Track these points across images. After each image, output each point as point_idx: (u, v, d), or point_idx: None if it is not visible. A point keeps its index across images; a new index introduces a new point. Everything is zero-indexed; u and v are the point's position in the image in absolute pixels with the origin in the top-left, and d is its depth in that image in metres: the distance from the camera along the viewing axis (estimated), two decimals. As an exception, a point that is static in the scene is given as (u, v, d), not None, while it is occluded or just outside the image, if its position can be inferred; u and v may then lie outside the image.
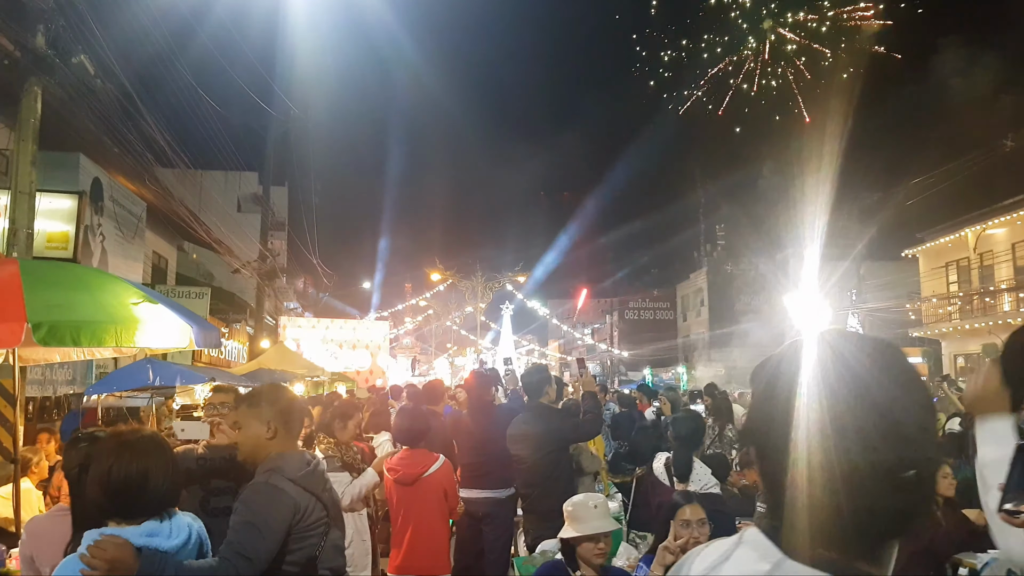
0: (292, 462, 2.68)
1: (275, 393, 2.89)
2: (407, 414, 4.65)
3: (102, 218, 11.55)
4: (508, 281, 38.11)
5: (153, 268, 18.60)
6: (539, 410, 5.20)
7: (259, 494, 2.55)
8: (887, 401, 0.88)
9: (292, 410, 2.84)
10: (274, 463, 2.65)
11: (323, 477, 2.79)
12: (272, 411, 2.76)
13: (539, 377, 5.32)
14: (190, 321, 4.29)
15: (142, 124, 10.67)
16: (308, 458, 2.78)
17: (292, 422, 2.82)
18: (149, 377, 6.32)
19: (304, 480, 2.65)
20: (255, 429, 2.74)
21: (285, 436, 2.77)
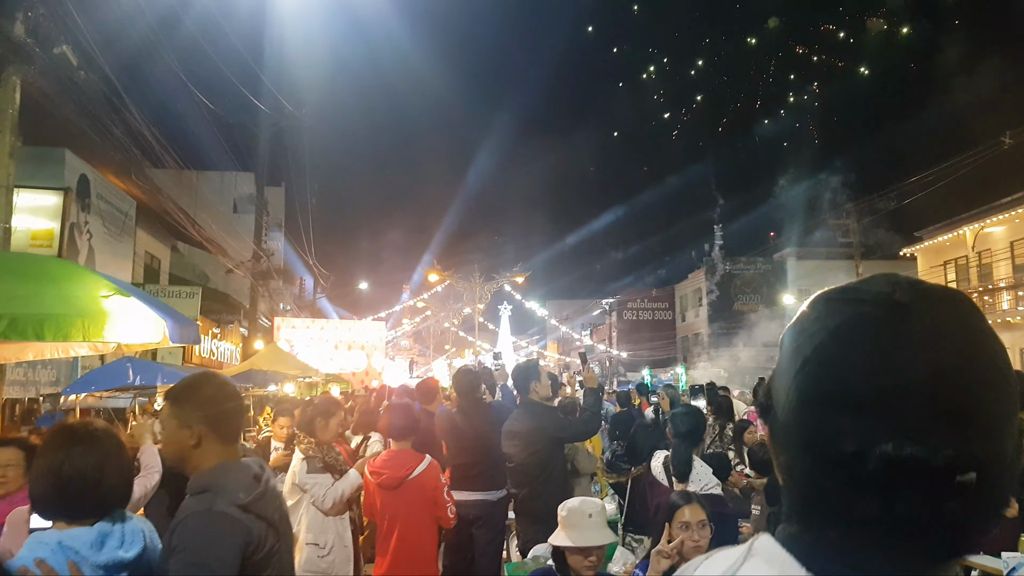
0: (236, 480, 2.10)
1: (201, 386, 2.26)
2: (395, 409, 4.43)
3: (89, 215, 11.34)
4: (506, 281, 37.94)
5: (145, 268, 18.43)
6: (528, 406, 4.99)
7: (202, 526, 2.00)
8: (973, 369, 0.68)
9: (224, 408, 2.23)
10: (211, 481, 2.09)
11: (275, 496, 2.23)
12: (196, 411, 2.17)
13: (524, 371, 5.10)
14: (165, 316, 4.08)
15: (129, 119, 10.46)
16: (256, 470, 2.18)
17: (225, 423, 2.21)
18: (129, 376, 6.10)
19: (256, 505, 2.08)
20: (175, 434, 2.18)
21: (216, 442, 2.18)
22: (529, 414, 4.89)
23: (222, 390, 2.29)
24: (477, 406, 5.58)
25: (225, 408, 2.23)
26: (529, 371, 5.07)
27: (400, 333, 43.79)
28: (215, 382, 2.33)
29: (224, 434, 2.20)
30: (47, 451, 2.11)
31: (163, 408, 2.32)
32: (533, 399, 4.97)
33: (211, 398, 2.22)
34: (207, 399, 2.21)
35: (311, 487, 4.30)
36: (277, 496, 2.27)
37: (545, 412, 4.90)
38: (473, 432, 5.35)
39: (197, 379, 2.34)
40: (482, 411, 5.55)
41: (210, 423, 2.17)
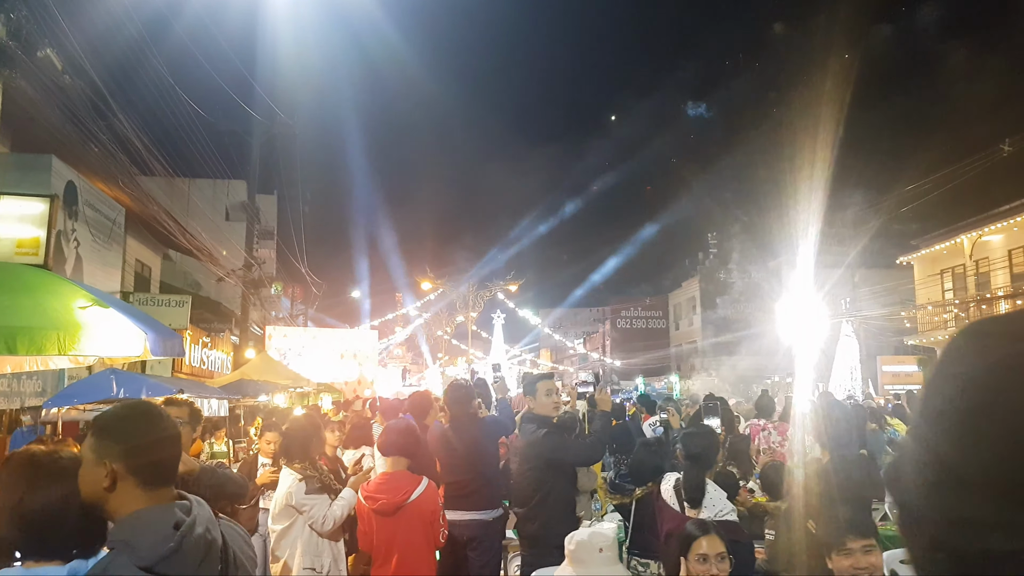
0: (145, 534, 1.69)
1: (126, 417, 1.89)
2: (393, 428, 4.24)
3: (77, 223, 11.12)
4: (500, 290, 37.79)
5: (136, 276, 18.18)
6: (528, 422, 4.77)
7: None
8: None
9: (148, 443, 1.81)
10: (121, 534, 1.72)
11: (202, 544, 1.78)
12: (113, 445, 1.79)
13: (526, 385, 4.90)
14: (145, 327, 3.88)
15: (117, 126, 10.27)
16: (178, 516, 1.76)
17: (148, 462, 1.81)
18: (113, 389, 5.88)
19: (164, 565, 1.66)
20: (88, 471, 1.81)
21: (135, 485, 1.77)
22: (527, 430, 4.69)
23: (151, 423, 1.87)
24: (470, 421, 5.34)
25: (149, 444, 1.83)
26: (530, 385, 4.85)
27: (393, 342, 43.54)
28: (144, 413, 1.92)
29: (147, 476, 1.79)
30: (8, 483, 1.91)
31: (86, 440, 1.89)
32: (535, 414, 4.74)
33: (134, 432, 1.83)
34: (128, 432, 1.83)
35: (309, 508, 4.13)
36: (207, 544, 1.81)
37: (543, 429, 4.65)
38: (465, 448, 5.13)
39: (124, 408, 1.97)
40: (475, 426, 5.32)
41: (127, 461, 1.77)
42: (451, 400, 5.48)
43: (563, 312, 65.67)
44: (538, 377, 4.93)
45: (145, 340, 3.80)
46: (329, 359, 21.57)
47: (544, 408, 4.67)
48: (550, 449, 4.43)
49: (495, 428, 5.54)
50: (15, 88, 7.54)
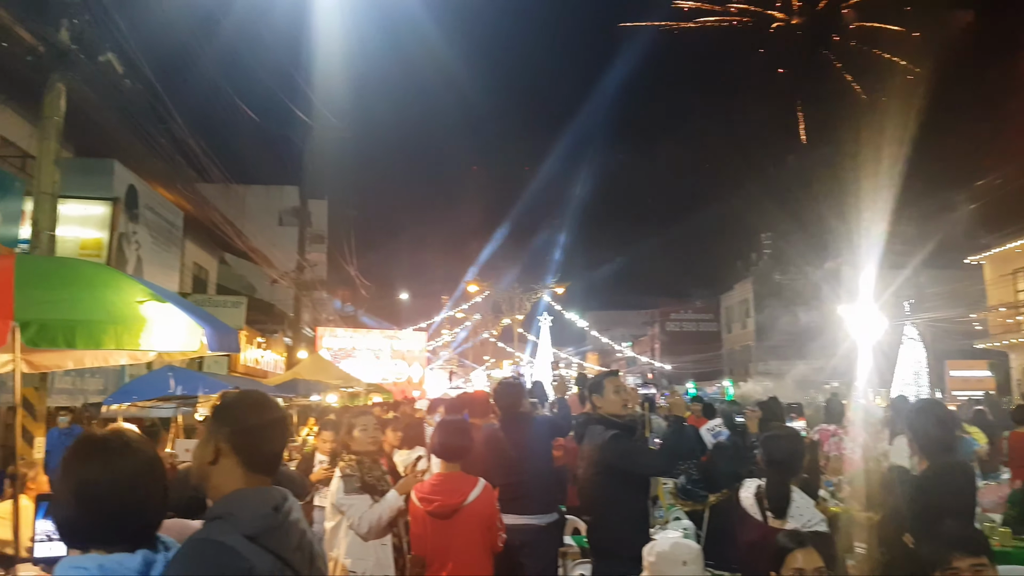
0: (249, 508, 1.81)
1: (237, 401, 2.03)
2: (448, 427, 4.05)
3: (137, 226, 11.35)
4: (546, 292, 37.56)
5: (194, 278, 18.58)
6: (594, 421, 4.54)
7: (194, 555, 1.74)
8: None
9: (254, 427, 1.95)
10: (224, 507, 1.83)
11: (296, 529, 1.92)
12: (223, 426, 1.94)
13: (590, 384, 4.65)
14: (203, 322, 3.83)
15: (175, 130, 10.42)
16: (277, 499, 1.89)
17: (252, 446, 1.93)
18: (170, 386, 5.90)
19: (266, 536, 1.78)
20: (199, 448, 1.97)
21: (238, 464, 1.90)
22: (594, 432, 4.48)
23: (260, 411, 2.01)
24: (520, 421, 5.19)
25: (255, 428, 1.96)
26: (594, 384, 4.62)
27: (439, 344, 43.70)
28: (255, 400, 2.05)
29: (249, 458, 1.93)
30: (71, 465, 1.80)
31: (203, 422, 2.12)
32: (601, 415, 4.48)
33: (243, 415, 1.97)
34: (237, 415, 1.97)
35: (347, 509, 3.97)
36: (301, 532, 1.96)
37: (610, 431, 4.32)
38: (517, 450, 4.98)
39: (240, 394, 2.12)
40: (525, 427, 5.16)
41: (233, 441, 1.92)
42: (501, 400, 5.34)
43: (611, 315, 65.01)
44: (605, 374, 4.71)
45: (202, 335, 3.75)
46: (378, 360, 21.71)
47: (612, 407, 4.41)
48: (617, 455, 4.17)
49: (548, 428, 5.36)
50: (78, 93, 7.67)
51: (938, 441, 3.07)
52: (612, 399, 4.42)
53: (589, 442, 4.41)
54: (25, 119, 9.51)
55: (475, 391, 7.94)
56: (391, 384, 21.23)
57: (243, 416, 1.97)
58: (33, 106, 7.30)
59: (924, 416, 3.25)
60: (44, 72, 6.45)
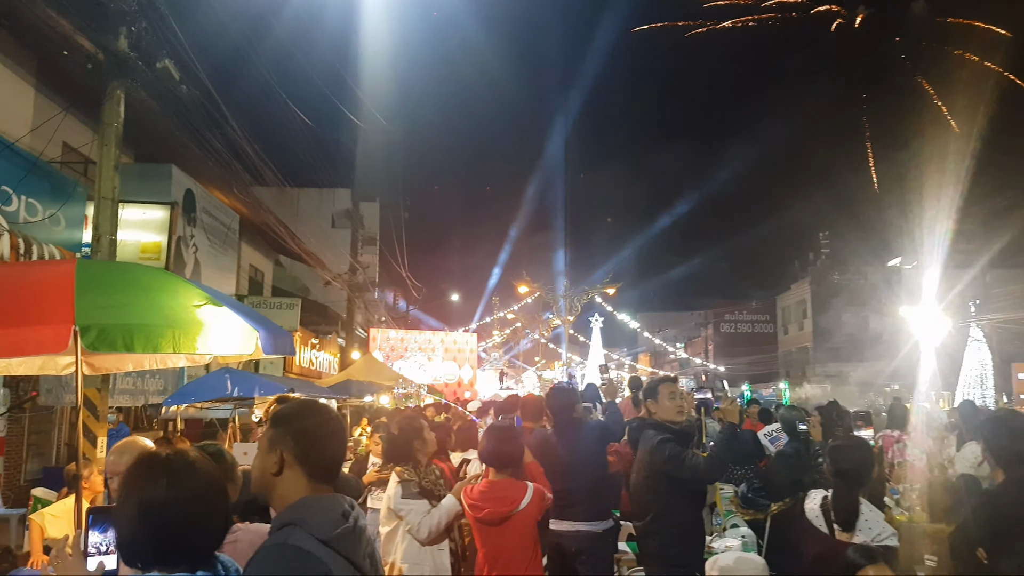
0: (320, 514, 1.86)
1: (302, 412, 2.03)
2: (497, 433, 3.96)
3: (195, 229, 11.61)
4: (597, 293, 37.26)
5: (250, 280, 18.96)
6: (648, 425, 4.41)
7: (274, 560, 1.77)
8: None
9: (319, 437, 1.98)
10: (294, 514, 1.85)
11: (364, 536, 1.99)
12: (287, 435, 1.95)
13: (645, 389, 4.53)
14: (258, 326, 3.84)
15: (231, 135, 10.62)
16: (344, 506, 1.94)
17: (317, 455, 1.96)
18: (227, 387, 5.99)
19: (340, 542, 1.83)
20: (261, 457, 1.98)
21: (303, 474, 1.93)
22: (647, 437, 4.35)
23: (321, 421, 2.03)
24: (572, 426, 5.08)
25: (318, 438, 1.99)
26: (649, 389, 4.50)
27: (490, 345, 43.77)
28: (315, 410, 2.07)
29: (314, 468, 1.95)
30: (135, 484, 1.77)
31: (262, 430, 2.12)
32: (655, 420, 4.37)
33: (305, 426, 1.99)
34: (300, 426, 1.99)
35: (406, 514, 3.93)
36: (368, 540, 2.02)
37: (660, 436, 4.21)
38: (569, 455, 4.86)
39: (300, 404, 2.12)
40: (579, 432, 5.05)
41: (298, 451, 1.94)
42: (554, 404, 5.24)
43: (663, 316, 64.23)
44: (660, 379, 4.59)
45: (257, 338, 3.76)
46: (431, 360, 21.83)
47: (667, 412, 4.30)
48: (664, 459, 4.05)
49: (602, 433, 5.24)
50: (136, 99, 7.87)
51: (1016, 453, 2.88)
52: (667, 405, 4.32)
53: (641, 447, 4.32)
54: (87, 126, 9.82)
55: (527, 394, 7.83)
56: (442, 385, 21.35)
57: (306, 426, 1.98)
58: (94, 113, 7.50)
59: (1000, 427, 3.05)
60: (104, 79, 6.61)
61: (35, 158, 8.27)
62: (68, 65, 8.31)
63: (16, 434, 8.15)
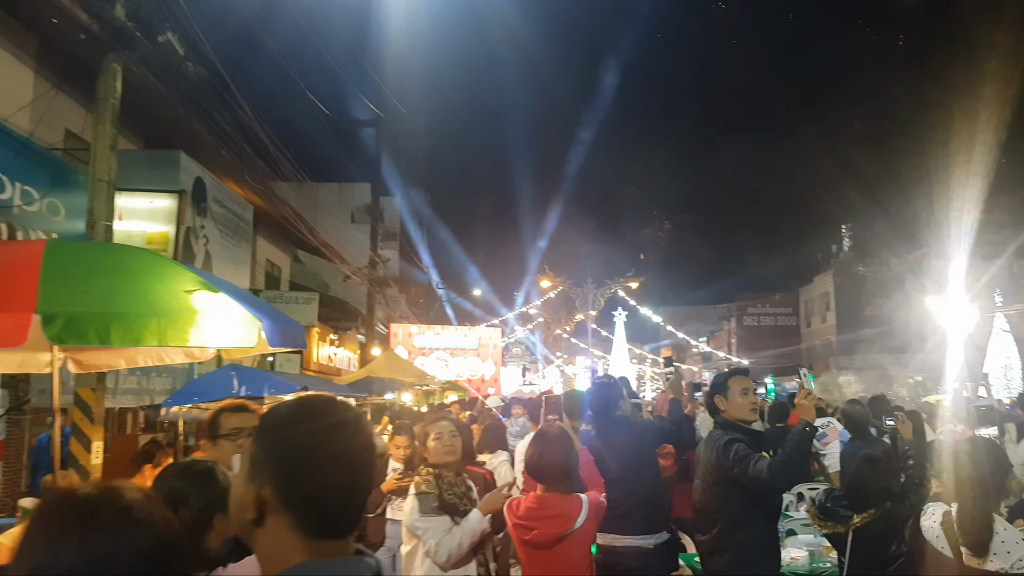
0: None
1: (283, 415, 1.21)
2: (550, 442, 3.29)
3: (205, 220, 11.12)
4: (620, 287, 36.66)
5: (267, 276, 18.54)
6: (718, 425, 3.87)
7: None
8: None
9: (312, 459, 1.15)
10: None
11: None
12: (267, 461, 1.15)
13: (713, 385, 3.94)
14: (261, 315, 3.28)
15: (242, 119, 10.10)
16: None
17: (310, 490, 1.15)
18: (233, 386, 5.45)
19: None
20: (237, 492, 1.19)
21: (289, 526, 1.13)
22: (711, 438, 3.79)
23: (325, 434, 1.18)
24: (618, 427, 4.51)
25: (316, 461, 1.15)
26: (717, 384, 3.93)
27: (512, 339, 43.25)
28: (322, 415, 1.20)
29: (307, 515, 1.14)
30: (31, 542, 1.17)
31: None
32: (726, 419, 3.81)
33: (297, 442, 1.16)
34: (288, 449, 1.16)
35: (423, 533, 3.33)
36: None
37: (727, 435, 3.67)
38: (617, 460, 4.28)
39: (299, 405, 1.25)
40: (625, 433, 4.47)
41: (283, 488, 1.13)
42: (596, 401, 4.66)
43: (686, 310, 63.42)
44: (731, 372, 4.02)
45: (260, 329, 3.20)
46: (454, 356, 21.33)
47: (739, 410, 3.75)
48: (731, 462, 3.51)
49: (654, 435, 4.66)
50: (139, 78, 7.35)
51: None
52: (739, 402, 3.74)
53: (707, 449, 3.77)
54: (89, 110, 9.34)
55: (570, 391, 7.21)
56: (466, 381, 20.82)
57: (293, 443, 1.16)
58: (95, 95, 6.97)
59: None
60: (99, 52, 6.09)
61: (25, 139, 7.78)
62: (68, 46, 7.82)
63: (16, 437, 7.70)
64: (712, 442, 3.73)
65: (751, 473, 3.41)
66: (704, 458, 3.80)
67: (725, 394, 3.80)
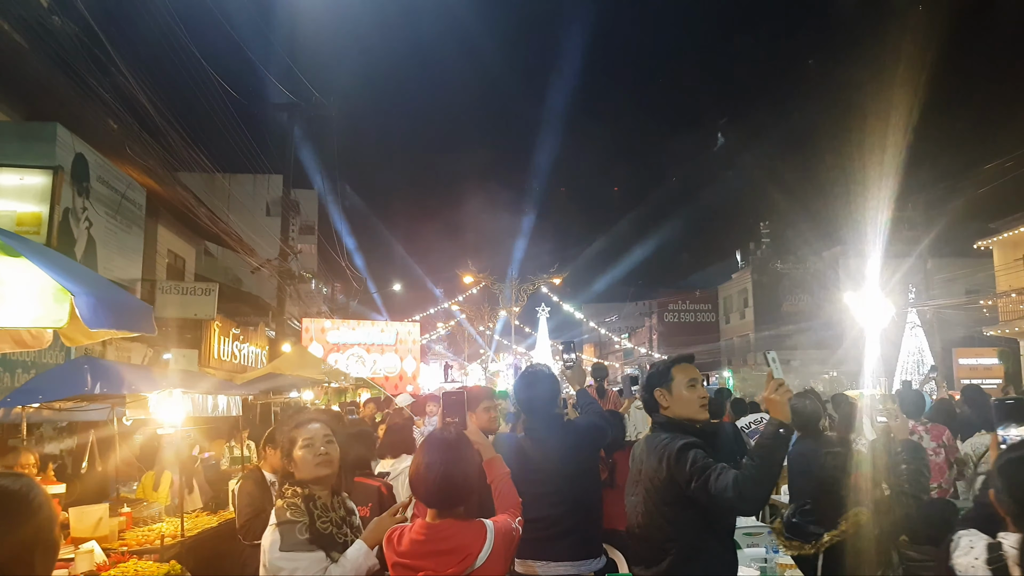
0: None
1: None
2: (442, 451, 2.41)
3: (88, 201, 10.04)
4: (543, 283, 36.52)
5: (169, 268, 17.33)
6: (661, 426, 3.14)
7: None
8: None
9: None
10: None
11: None
12: None
13: (651, 375, 3.28)
14: (80, 287, 2.59)
15: (127, 88, 9.15)
16: None
17: None
18: (87, 382, 4.59)
19: None
20: None
21: None
22: (653, 442, 3.05)
23: None
24: (558, 430, 3.70)
25: None
26: (657, 374, 3.15)
27: (434, 337, 42.53)
28: None
29: None
30: None
31: None
32: (666, 417, 3.11)
33: None
34: None
35: (288, 574, 2.55)
36: None
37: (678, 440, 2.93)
38: (554, 470, 3.53)
39: None
40: (562, 436, 3.67)
41: None
42: (528, 397, 3.77)
43: (608, 306, 64.01)
44: (673, 360, 3.23)
45: (72, 301, 2.51)
46: (369, 352, 20.51)
47: (686, 406, 3.05)
48: (689, 474, 2.78)
49: (595, 436, 3.81)
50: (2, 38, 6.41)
51: None
52: (686, 396, 3.06)
53: (650, 457, 3.02)
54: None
55: (474, 386, 6.57)
56: (382, 379, 20.02)
57: None
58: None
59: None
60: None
61: None
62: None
63: None
64: (658, 449, 2.95)
65: (713, 490, 2.69)
66: (647, 469, 3.02)
67: (668, 387, 3.10)
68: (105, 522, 5.07)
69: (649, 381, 3.17)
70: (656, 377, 3.15)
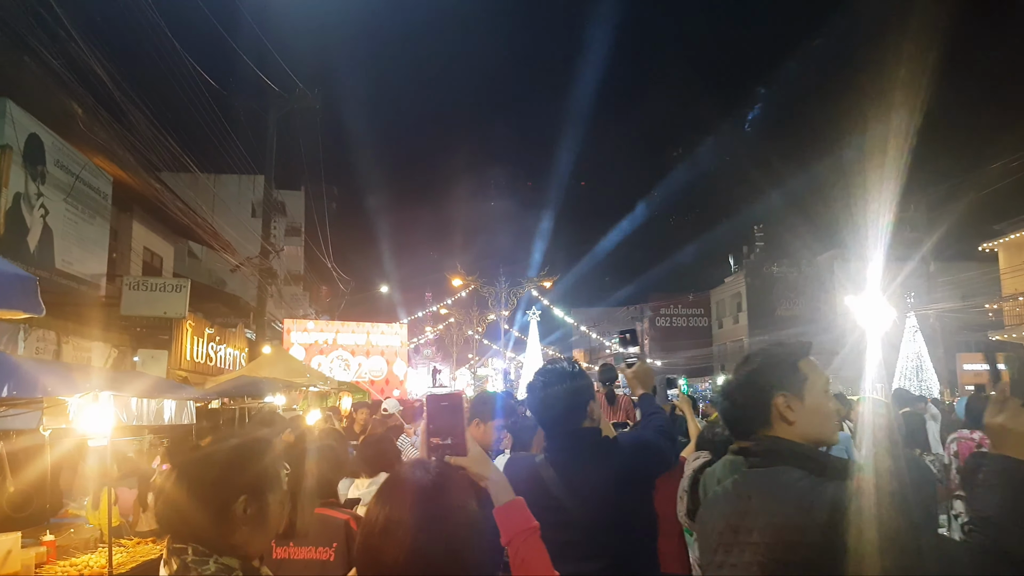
0: None
1: None
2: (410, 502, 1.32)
3: (44, 187, 9.14)
4: (533, 286, 35.77)
5: (145, 265, 16.47)
6: (777, 456, 1.94)
7: None
8: None
9: None
10: None
11: None
12: None
13: None
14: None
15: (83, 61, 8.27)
16: None
17: None
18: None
19: None
20: None
21: None
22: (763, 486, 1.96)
23: None
24: (590, 452, 2.54)
25: None
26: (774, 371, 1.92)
27: (422, 340, 41.68)
28: None
29: None
30: None
31: None
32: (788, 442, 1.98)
33: None
34: None
35: None
36: None
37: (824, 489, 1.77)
38: (582, 510, 2.40)
39: None
40: (605, 463, 2.50)
41: None
42: (543, 407, 2.58)
43: (599, 310, 63.34)
44: (797, 351, 1.86)
45: None
46: (355, 356, 19.62)
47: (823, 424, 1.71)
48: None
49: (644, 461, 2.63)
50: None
51: None
52: (824, 407, 1.85)
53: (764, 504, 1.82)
54: None
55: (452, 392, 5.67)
56: (368, 383, 19.14)
57: None
58: None
59: None
60: None
61: None
62: None
63: None
64: (795, 498, 1.64)
65: None
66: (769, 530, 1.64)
67: (800, 390, 1.84)
68: (16, 555, 4.15)
69: (757, 380, 1.87)
70: (774, 373, 1.87)
